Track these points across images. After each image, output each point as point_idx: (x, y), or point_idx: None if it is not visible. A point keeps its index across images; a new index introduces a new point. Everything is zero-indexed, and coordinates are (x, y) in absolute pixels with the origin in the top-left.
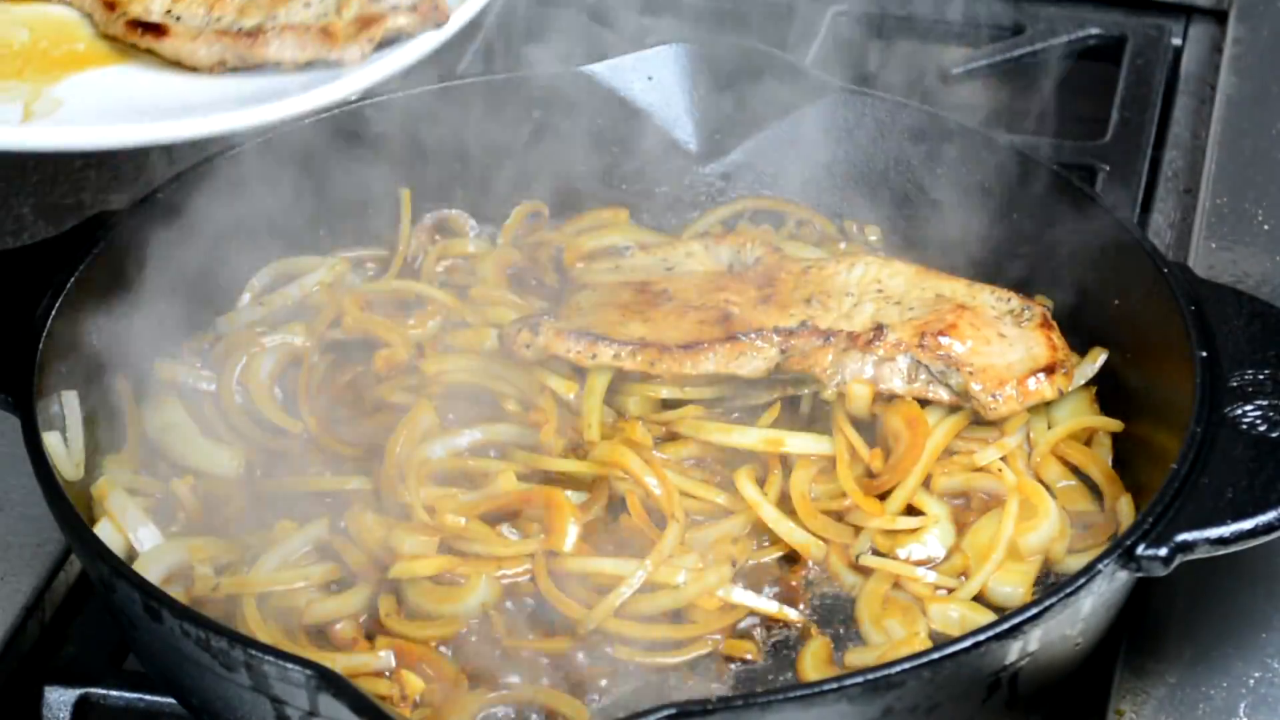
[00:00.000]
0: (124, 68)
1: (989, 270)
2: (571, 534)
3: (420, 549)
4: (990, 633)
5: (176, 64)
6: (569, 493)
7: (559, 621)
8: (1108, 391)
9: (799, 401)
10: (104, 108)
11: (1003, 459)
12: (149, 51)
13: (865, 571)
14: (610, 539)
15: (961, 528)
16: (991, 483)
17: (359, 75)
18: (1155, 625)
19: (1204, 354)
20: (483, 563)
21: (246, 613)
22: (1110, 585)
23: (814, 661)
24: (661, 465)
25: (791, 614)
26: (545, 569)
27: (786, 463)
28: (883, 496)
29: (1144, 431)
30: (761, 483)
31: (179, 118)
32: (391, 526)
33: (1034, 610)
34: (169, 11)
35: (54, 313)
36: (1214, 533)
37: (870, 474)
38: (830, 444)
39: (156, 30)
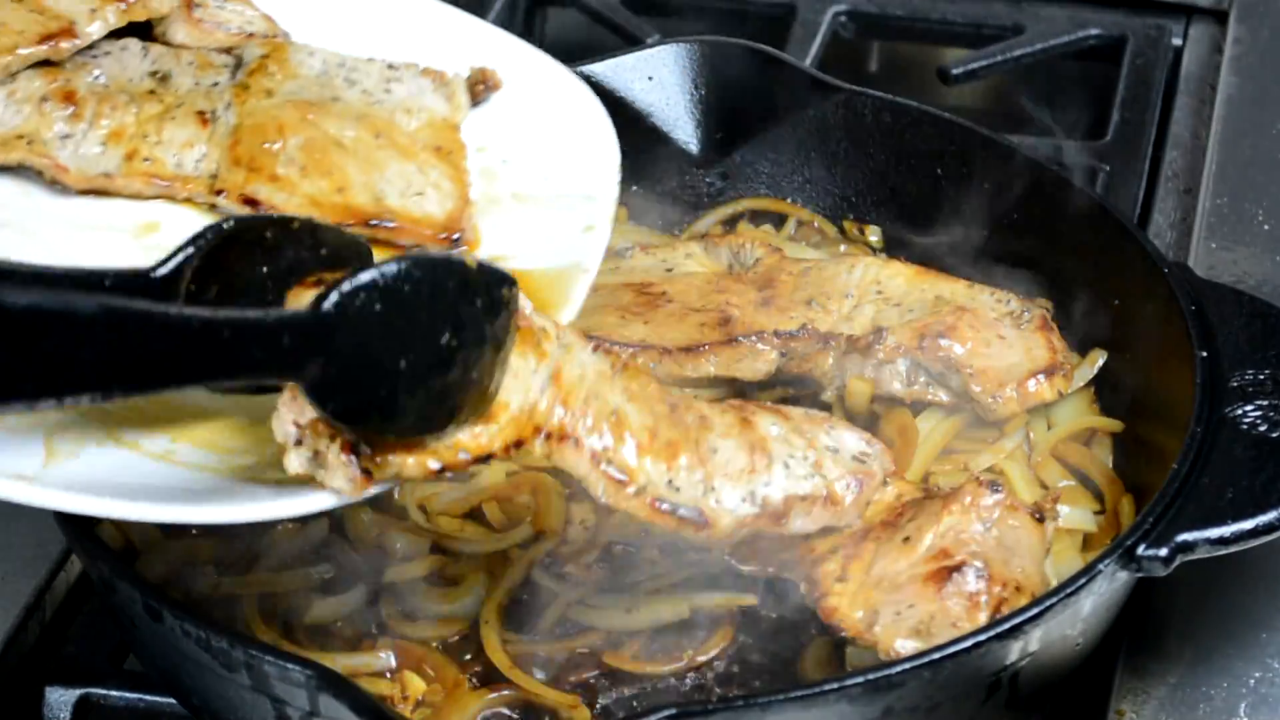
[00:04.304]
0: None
1: (988, 271)
2: (562, 511)
3: (412, 549)
4: (990, 633)
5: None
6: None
7: (557, 618)
8: (1108, 392)
9: (798, 403)
10: (115, 479)
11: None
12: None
13: None
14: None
15: None
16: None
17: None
18: (1156, 625)
19: (1204, 354)
20: (479, 560)
21: (246, 613)
22: (1110, 585)
23: (815, 661)
24: None
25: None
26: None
27: None
28: None
29: (1144, 431)
30: None
31: (183, 502)
32: (386, 526)
33: (1034, 610)
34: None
35: None
36: (1214, 533)
37: None
38: None
39: None
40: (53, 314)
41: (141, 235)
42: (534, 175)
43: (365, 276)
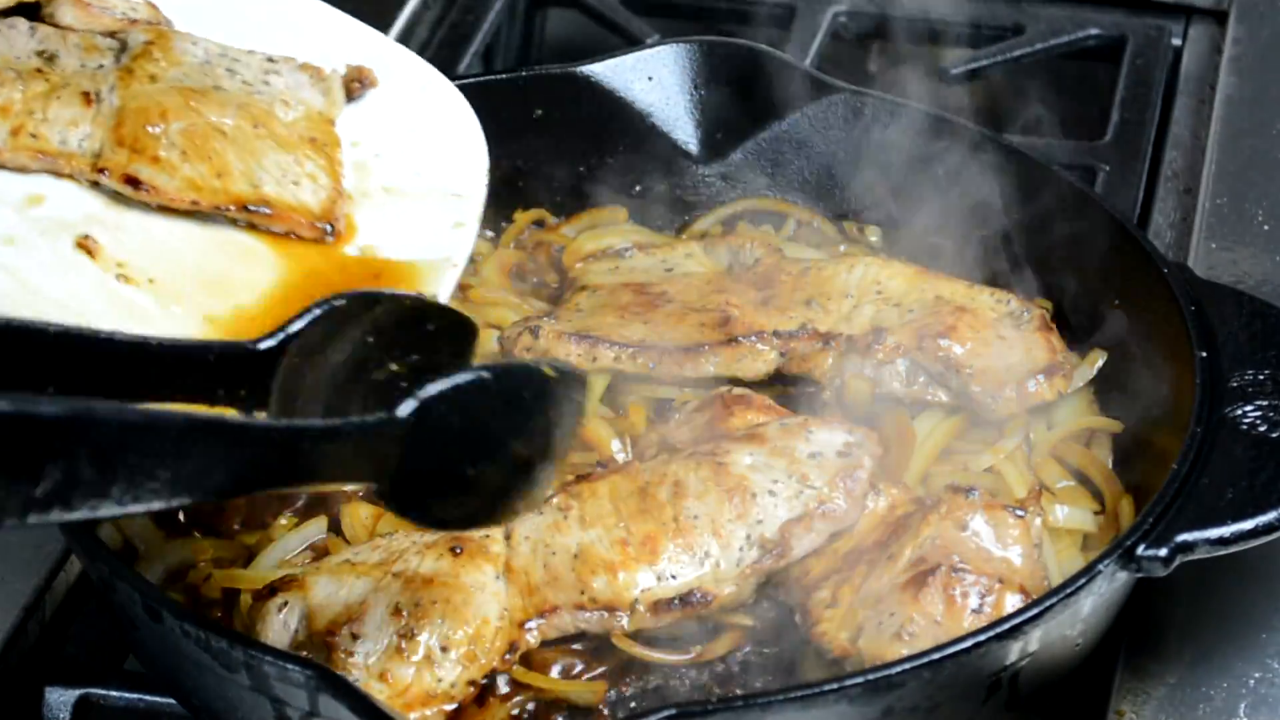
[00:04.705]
0: None
1: (988, 271)
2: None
3: None
4: (990, 633)
5: None
6: None
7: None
8: (1108, 392)
9: (797, 402)
10: None
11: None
12: None
13: None
14: None
15: None
16: (990, 483)
17: None
18: (1156, 625)
19: (1204, 354)
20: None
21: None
22: (1110, 585)
23: (815, 662)
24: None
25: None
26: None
27: None
28: None
29: (1144, 431)
30: None
31: None
32: (379, 516)
33: (1034, 610)
34: None
35: None
36: (1214, 533)
37: None
38: None
39: None
40: (141, 429)
41: (26, 207)
42: (405, 171)
43: (444, 385)
